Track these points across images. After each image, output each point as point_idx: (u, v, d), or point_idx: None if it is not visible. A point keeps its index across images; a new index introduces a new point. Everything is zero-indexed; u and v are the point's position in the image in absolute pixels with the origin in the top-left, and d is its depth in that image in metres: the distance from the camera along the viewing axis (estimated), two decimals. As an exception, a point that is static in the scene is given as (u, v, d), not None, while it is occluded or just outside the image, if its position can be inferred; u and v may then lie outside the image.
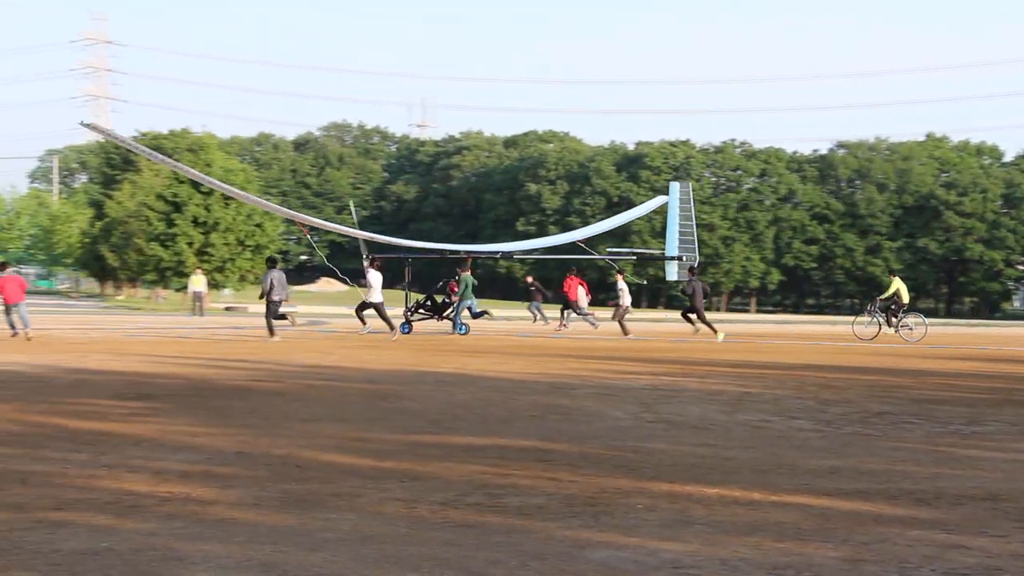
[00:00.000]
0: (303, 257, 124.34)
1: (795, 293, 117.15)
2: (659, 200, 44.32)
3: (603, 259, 37.44)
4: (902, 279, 33.63)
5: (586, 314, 36.15)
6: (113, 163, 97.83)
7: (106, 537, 6.60)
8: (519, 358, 21.72)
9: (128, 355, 20.66)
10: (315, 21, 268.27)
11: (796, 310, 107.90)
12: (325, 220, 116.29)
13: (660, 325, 44.70)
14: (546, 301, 39.97)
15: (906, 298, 32.46)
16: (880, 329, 32.11)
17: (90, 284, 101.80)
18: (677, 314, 33.16)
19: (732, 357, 23.57)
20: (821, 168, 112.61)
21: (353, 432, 11.08)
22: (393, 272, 34.78)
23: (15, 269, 28.81)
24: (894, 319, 32.24)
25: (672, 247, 35.90)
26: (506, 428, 11.62)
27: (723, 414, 13.13)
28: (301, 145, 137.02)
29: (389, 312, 30.02)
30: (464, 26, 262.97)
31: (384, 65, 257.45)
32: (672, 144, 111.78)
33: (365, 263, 31.45)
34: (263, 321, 29.15)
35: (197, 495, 7.87)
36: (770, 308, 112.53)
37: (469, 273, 33.09)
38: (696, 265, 33.81)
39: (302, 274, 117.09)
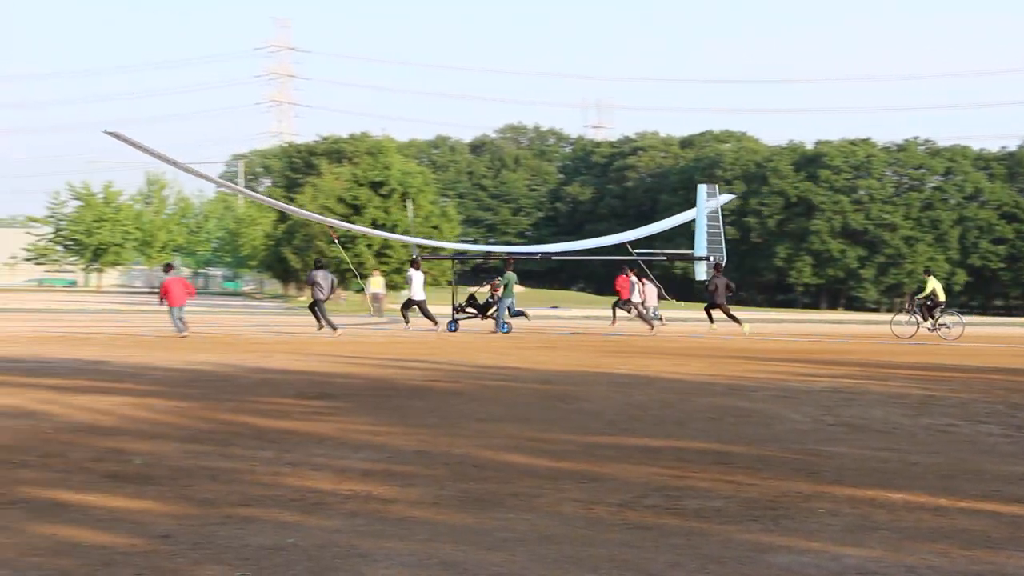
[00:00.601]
0: (478, 260, 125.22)
1: (982, 295, 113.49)
2: (724, 198, 45.03)
3: (636, 259, 37.86)
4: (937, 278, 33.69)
5: (629, 310, 36.42)
6: (296, 167, 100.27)
7: (291, 533, 6.76)
8: (697, 359, 21.53)
9: (310, 355, 21.12)
10: (492, 23, 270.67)
11: (983, 312, 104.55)
12: (496, 222, 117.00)
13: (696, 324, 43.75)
14: (660, 298, 39.65)
15: (942, 296, 32.67)
16: (918, 328, 32.30)
17: (273, 285, 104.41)
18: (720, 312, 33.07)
19: (915, 359, 22.97)
20: (1010, 166, 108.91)
21: (530, 432, 11.13)
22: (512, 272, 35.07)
23: (177, 271, 29.98)
24: (932, 318, 32.41)
25: (700, 247, 36.40)
26: (683, 430, 11.54)
27: (907, 417, 12.81)
28: (477, 147, 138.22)
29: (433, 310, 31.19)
30: (639, 27, 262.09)
31: (560, 67, 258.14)
32: (852, 143, 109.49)
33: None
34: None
35: (378, 493, 8.01)
36: (956, 310, 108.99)
37: (511, 272, 33.52)
38: (723, 263, 34.32)
39: (479, 276, 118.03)
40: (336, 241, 37.45)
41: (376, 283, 49.38)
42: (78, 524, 6.87)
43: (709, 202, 37.69)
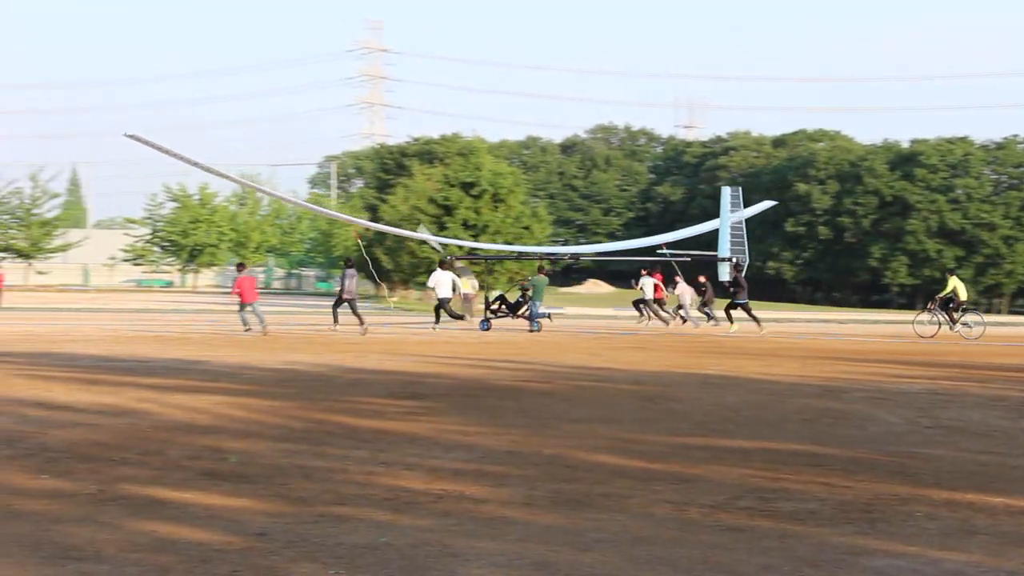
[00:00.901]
0: (569, 260, 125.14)
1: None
2: (764, 205, 47.72)
3: (663, 260, 38.77)
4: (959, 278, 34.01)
5: (655, 309, 37.28)
6: (387, 168, 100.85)
7: (385, 532, 6.81)
8: (788, 360, 21.33)
9: (402, 355, 21.25)
10: (583, 23, 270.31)
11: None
12: (587, 222, 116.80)
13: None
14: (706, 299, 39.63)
15: (963, 296, 32.64)
16: (940, 328, 32.31)
17: (365, 286, 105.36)
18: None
19: (1016, 361, 22.55)
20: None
21: (622, 433, 11.10)
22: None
23: (250, 271, 30.92)
24: (952, 317, 32.45)
25: (724, 249, 36.75)
26: (776, 431, 11.44)
27: (1007, 420, 12.58)
28: (568, 148, 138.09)
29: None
30: (732, 25, 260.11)
31: (651, 66, 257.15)
32: (949, 141, 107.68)
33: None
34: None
35: (470, 493, 8.04)
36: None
37: (542, 275, 34.80)
38: (744, 264, 35.00)
39: (569, 276, 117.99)
40: (360, 243, 38.96)
41: (467, 283, 49.52)
42: (176, 521, 6.98)
43: (734, 213, 38.37)
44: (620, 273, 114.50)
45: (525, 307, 34.01)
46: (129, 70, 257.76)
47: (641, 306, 37.80)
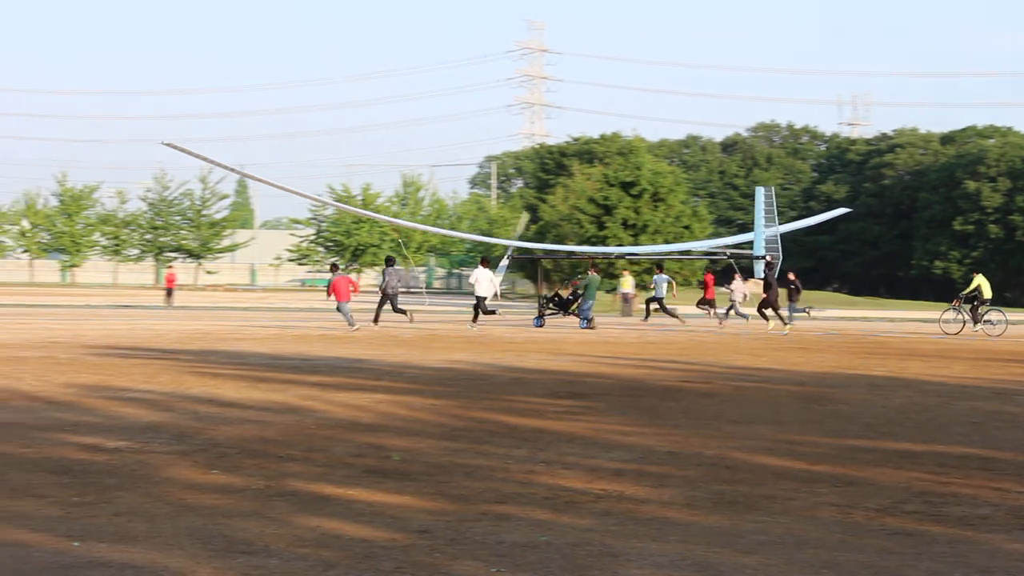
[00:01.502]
0: (727, 259, 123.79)
1: None
2: (837, 212, 50.17)
3: (699, 258, 39.42)
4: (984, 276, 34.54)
5: (712, 308, 37.80)
6: (547, 168, 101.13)
7: (545, 531, 6.84)
8: (957, 362, 20.78)
9: (562, 355, 21.29)
10: (743, 21, 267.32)
11: None
12: (748, 221, 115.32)
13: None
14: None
15: (987, 294, 33.12)
16: (964, 325, 32.66)
17: (525, 286, 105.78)
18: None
19: None
20: None
21: (784, 435, 10.95)
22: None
23: (344, 272, 31.72)
24: (976, 314, 32.86)
25: (759, 247, 37.37)
26: (945, 434, 11.15)
27: None
28: (729, 146, 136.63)
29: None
30: (896, 21, 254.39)
31: (814, 64, 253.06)
32: None
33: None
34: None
35: (630, 493, 8.02)
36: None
37: (594, 273, 35.57)
38: (777, 262, 35.29)
39: (729, 276, 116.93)
40: (402, 244, 40.23)
41: (626, 283, 49.43)
42: (341, 517, 7.11)
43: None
44: (781, 273, 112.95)
45: (574, 304, 34.61)
46: (295, 73, 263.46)
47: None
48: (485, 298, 32.97)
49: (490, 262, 34.35)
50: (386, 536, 6.66)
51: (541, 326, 33.59)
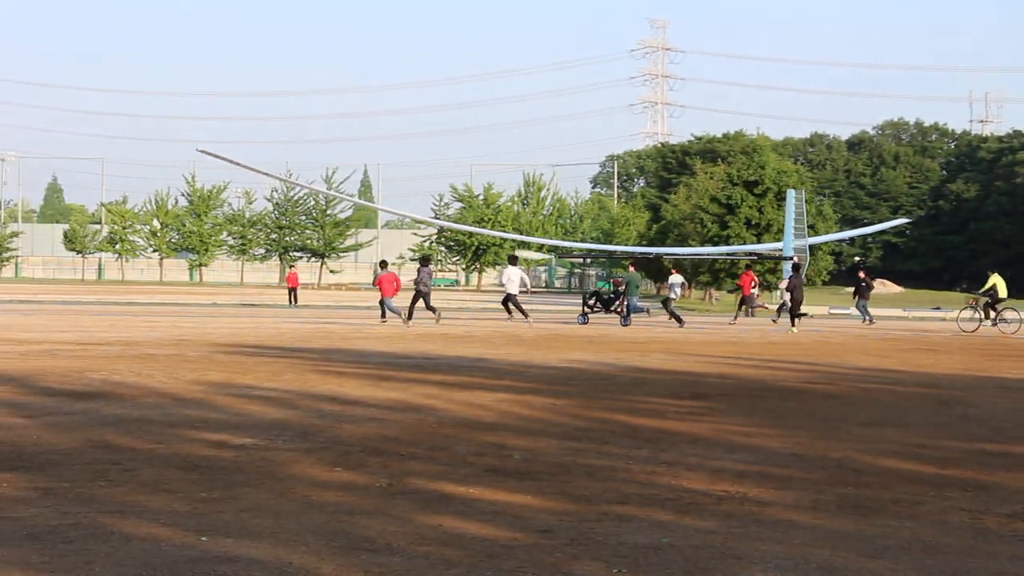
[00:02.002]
0: (856, 259, 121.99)
1: None
2: (896, 222, 51.96)
3: (725, 257, 40.49)
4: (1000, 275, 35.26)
5: (757, 306, 38.32)
6: (669, 167, 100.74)
7: (667, 533, 6.80)
8: (1095, 365, 20.20)
9: (684, 355, 21.18)
10: (867, 16, 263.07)
11: None
12: (874, 221, 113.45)
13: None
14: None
15: (1003, 293, 33.87)
16: (980, 323, 33.42)
17: (647, 286, 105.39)
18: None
19: None
20: None
21: (912, 437, 10.75)
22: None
23: (388, 269, 33.08)
24: (993, 313, 33.64)
25: (788, 248, 38.65)
26: (1082, 440, 10.85)
27: None
28: (855, 144, 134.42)
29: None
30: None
31: (944, 60, 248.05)
32: None
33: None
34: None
35: (753, 495, 7.94)
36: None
37: (634, 271, 37.08)
38: (806, 264, 35.96)
39: (855, 275, 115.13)
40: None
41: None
42: (462, 516, 7.15)
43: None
44: (910, 273, 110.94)
45: (618, 302, 35.55)
46: (419, 73, 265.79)
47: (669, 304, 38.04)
48: (515, 295, 33.69)
49: (517, 260, 35.53)
50: (507, 535, 6.68)
51: (585, 323, 34.51)
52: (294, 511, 7.20)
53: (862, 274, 40.00)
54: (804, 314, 33.05)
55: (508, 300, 33.70)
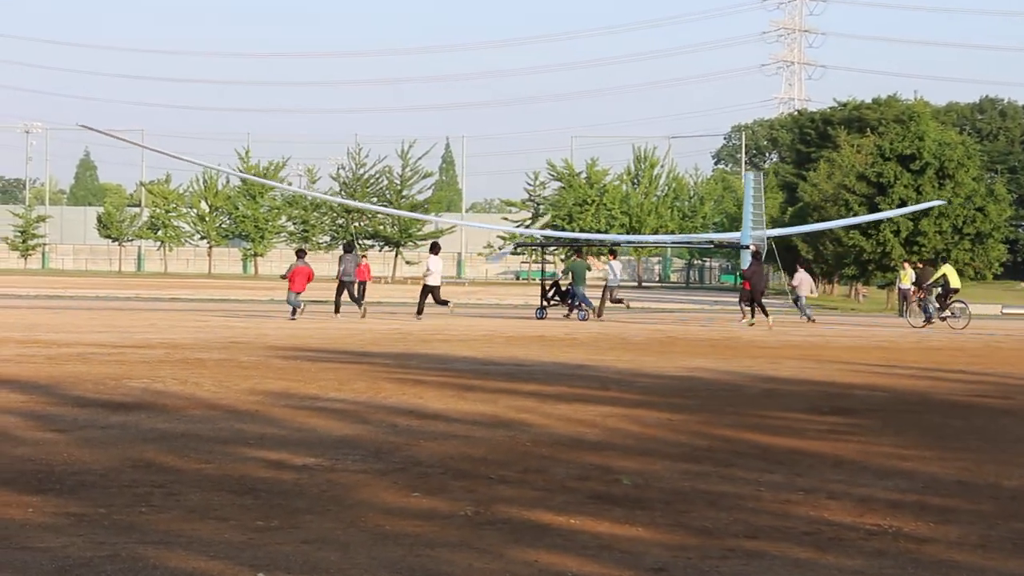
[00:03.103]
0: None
1: None
2: (932, 203, 54.97)
3: (676, 245, 42.97)
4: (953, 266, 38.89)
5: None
6: (807, 139, 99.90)
7: (805, 573, 6.76)
8: None
9: (824, 362, 21.02)
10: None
11: None
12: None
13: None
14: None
15: (954, 284, 36.19)
16: (928, 319, 35.85)
17: (779, 279, 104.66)
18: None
19: None
20: None
21: (1103, 463, 10.58)
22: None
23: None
24: (941, 305, 36.09)
25: (746, 236, 40.32)
26: None
27: None
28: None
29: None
30: None
31: None
32: None
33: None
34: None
35: (909, 530, 7.86)
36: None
37: (580, 260, 39.12)
38: (764, 252, 37.91)
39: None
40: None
41: (906, 277, 48.36)
42: (562, 550, 7.16)
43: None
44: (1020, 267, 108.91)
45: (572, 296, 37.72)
46: (505, 30, 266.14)
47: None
48: (436, 287, 35.43)
49: (439, 249, 37.55)
50: (615, 574, 6.68)
51: (543, 318, 37.12)
52: (365, 543, 7.26)
53: (920, 264, 41.50)
54: (760, 308, 35.25)
55: (428, 292, 35.36)
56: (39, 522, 7.66)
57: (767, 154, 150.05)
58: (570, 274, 38.13)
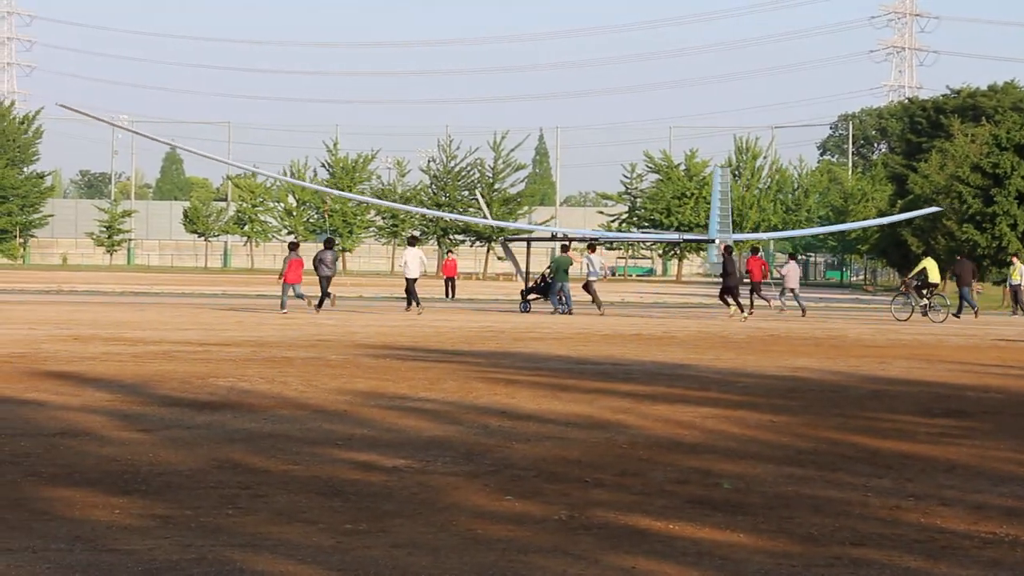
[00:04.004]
0: None
1: None
2: (929, 210, 57.61)
3: (648, 240, 43.86)
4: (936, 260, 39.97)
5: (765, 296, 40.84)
6: (919, 128, 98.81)
7: (915, 582, 6.69)
8: None
9: (936, 362, 20.80)
10: None
11: None
12: None
13: None
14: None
15: (933, 278, 37.87)
16: (913, 311, 37.46)
17: (888, 276, 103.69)
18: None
19: None
20: None
21: None
22: None
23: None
24: (922, 298, 37.79)
25: (713, 231, 42.03)
26: None
27: None
28: None
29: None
30: None
31: None
32: None
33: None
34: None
35: (1027, 539, 7.78)
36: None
37: (564, 255, 39.82)
38: (731, 245, 39.34)
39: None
40: (325, 216, 47.24)
41: (1016, 273, 47.72)
42: (660, 557, 7.14)
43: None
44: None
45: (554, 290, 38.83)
46: (600, 16, 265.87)
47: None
48: (414, 280, 36.80)
49: (417, 242, 40.45)
50: (715, 582, 6.66)
51: (527, 311, 38.68)
52: (456, 547, 7.29)
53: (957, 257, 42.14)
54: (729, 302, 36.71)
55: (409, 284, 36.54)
56: (125, 524, 7.76)
57: (875, 144, 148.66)
58: (555, 268, 39.00)
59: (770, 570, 6.91)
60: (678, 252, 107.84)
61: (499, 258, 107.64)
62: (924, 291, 37.92)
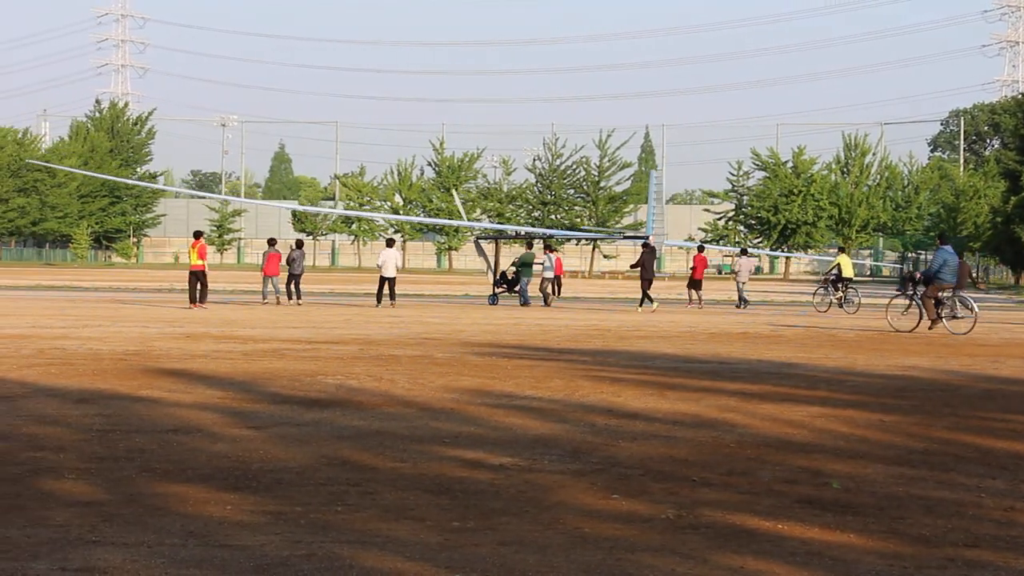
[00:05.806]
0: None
1: None
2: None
3: (586, 237, 47.02)
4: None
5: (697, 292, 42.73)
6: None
7: (1029, 584, 6.60)
8: None
9: (1050, 361, 20.50)
10: None
11: None
12: None
13: None
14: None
15: (847, 273, 40.86)
16: (831, 304, 40.19)
17: (1002, 273, 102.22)
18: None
19: None
20: None
21: None
22: None
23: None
24: (837, 292, 40.50)
25: (650, 229, 43.33)
26: None
27: None
28: None
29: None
30: None
31: None
32: None
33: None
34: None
35: None
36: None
37: (528, 251, 42.39)
38: (651, 240, 41.16)
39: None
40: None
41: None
42: (768, 556, 7.10)
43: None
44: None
45: (519, 284, 41.51)
46: (705, 13, 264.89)
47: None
48: (392, 278, 38.73)
49: (394, 243, 41.63)
50: (825, 583, 6.61)
51: (494, 304, 41.08)
52: (563, 546, 7.29)
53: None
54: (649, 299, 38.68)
55: (387, 284, 38.63)
56: (237, 520, 7.85)
57: (988, 140, 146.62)
58: (519, 264, 41.66)
59: (881, 571, 6.85)
60: (785, 249, 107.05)
61: (605, 256, 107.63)
62: (839, 284, 40.53)
